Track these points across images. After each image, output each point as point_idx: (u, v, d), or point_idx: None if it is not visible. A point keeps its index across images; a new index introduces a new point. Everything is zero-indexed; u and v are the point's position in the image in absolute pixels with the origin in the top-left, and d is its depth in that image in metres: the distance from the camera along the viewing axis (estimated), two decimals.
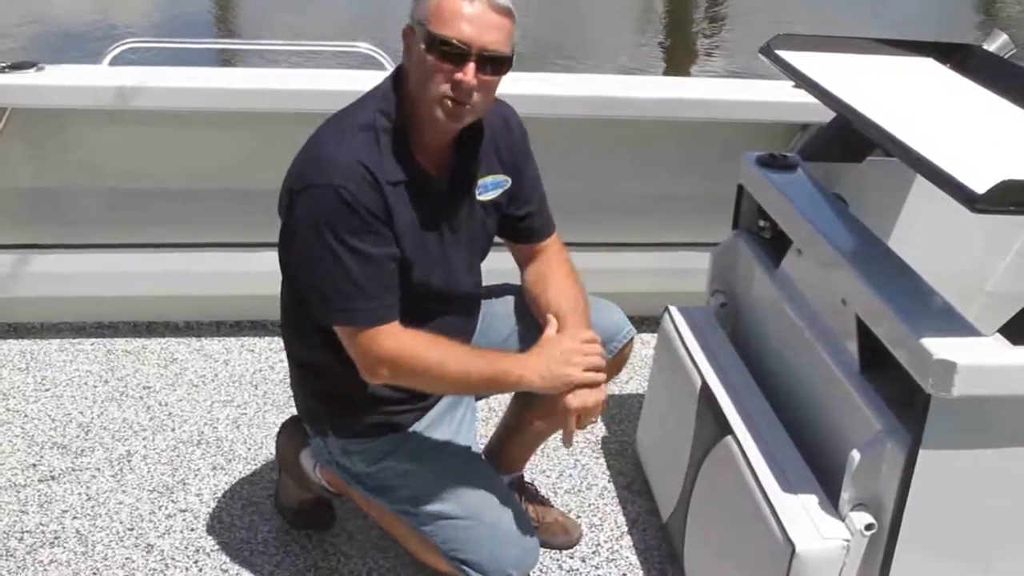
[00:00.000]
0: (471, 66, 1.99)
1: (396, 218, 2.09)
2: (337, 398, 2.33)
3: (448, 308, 2.28)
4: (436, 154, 2.17)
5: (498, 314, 2.48)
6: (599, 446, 3.11)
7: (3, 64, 3.31)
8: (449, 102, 2.02)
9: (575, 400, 2.14)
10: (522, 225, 2.39)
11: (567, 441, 2.21)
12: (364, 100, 2.18)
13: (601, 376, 2.18)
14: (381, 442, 2.34)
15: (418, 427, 2.38)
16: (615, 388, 3.41)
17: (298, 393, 2.46)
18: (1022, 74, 2.55)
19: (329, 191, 2.02)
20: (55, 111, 3.35)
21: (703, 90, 3.70)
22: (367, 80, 3.38)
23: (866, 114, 2.22)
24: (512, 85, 2.21)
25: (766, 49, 2.69)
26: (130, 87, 3.27)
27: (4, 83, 3.25)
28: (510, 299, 2.51)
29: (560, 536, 2.70)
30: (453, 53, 1.99)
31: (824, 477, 2.16)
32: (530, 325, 2.39)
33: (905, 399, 1.96)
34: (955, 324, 1.95)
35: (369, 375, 2.14)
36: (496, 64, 2.03)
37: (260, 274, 3.58)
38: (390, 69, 3.42)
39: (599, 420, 3.16)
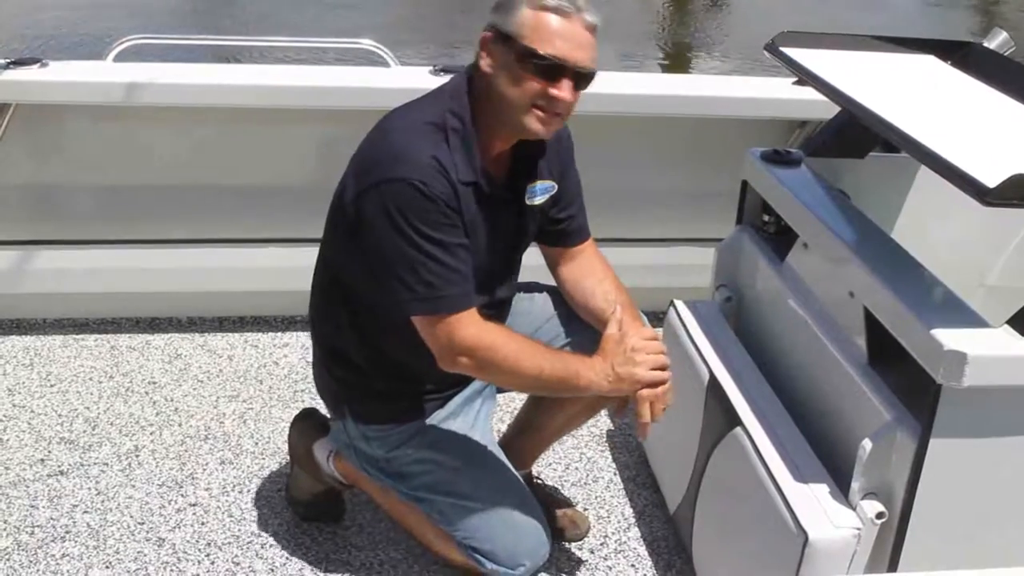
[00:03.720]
0: (567, 82, 2.06)
1: (463, 214, 2.14)
2: (361, 383, 2.38)
3: (483, 306, 2.31)
4: (498, 158, 2.22)
5: (522, 311, 2.52)
6: (604, 440, 3.14)
7: (7, 60, 3.31)
8: (541, 112, 2.09)
9: (647, 393, 2.20)
10: (562, 228, 2.44)
11: (643, 434, 2.26)
12: (432, 98, 2.21)
13: (667, 374, 2.23)
14: (401, 429, 2.38)
15: (437, 416, 2.41)
16: None
17: (321, 376, 2.50)
18: (1022, 71, 2.59)
19: (405, 185, 2.06)
20: (59, 107, 3.36)
21: (704, 87, 3.73)
22: (371, 76, 3.44)
23: (873, 110, 2.26)
24: None
25: (771, 46, 2.72)
26: (134, 83, 3.28)
27: (8, 79, 3.25)
28: (536, 296, 2.55)
29: (569, 529, 2.73)
30: (550, 68, 2.04)
31: (833, 467, 2.19)
32: (555, 323, 2.45)
33: (914, 389, 1.99)
34: (964, 316, 1.99)
35: (448, 363, 2.17)
36: (586, 80, 2.11)
37: (263, 270, 3.63)
38: (393, 65, 3.47)
39: (605, 414, 3.20)
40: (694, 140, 3.59)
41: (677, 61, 10.80)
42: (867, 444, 2.03)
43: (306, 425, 2.68)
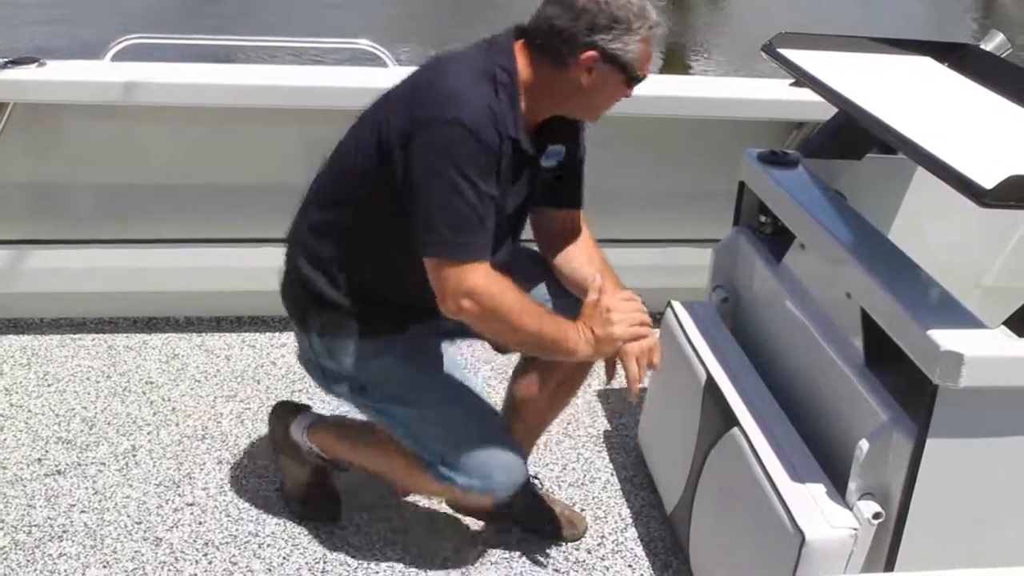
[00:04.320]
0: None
1: (500, 167, 2.19)
2: (337, 301, 2.39)
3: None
4: (532, 123, 2.29)
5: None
6: (601, 440, 3.14)
7: (4, 59, 3.31)
8: None
9: (633, 348, 2.31)
10: (558, 185, 2.49)
11: (633, 392, 2.34)
12: (481, 50, 2.27)
13: (646, 330, 2.33)
14: (369, 344, 2.41)
15: (408, 336, 2.44)
16: (615, 383, 3.43)
17: (292, 289, 2.51)
18: (1018, 72, 2.60)
19: (459, 127, 2.11)
20: (57, 106, 3.36)
21: (700, 88, 3.74)
22: (369, 77, 3.44)
23: (870, 111, 2.26)
24: None
25: (768, 47, 2.73)
26: (131, 82, 3.28)
27: (5, 78, 3.25)
28: (524, 260, 2.58)
29: (566, 528, 2.74)
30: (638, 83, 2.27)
31: (830, 468, 2.20)
32: (542, 290, 2.52)
33: (911, 390, 2.00)
34: (961, 317, 2.00)
35: (451, 306, 2.20)
36: None
37: (261, 270, 3.59)
38: (391, 65, 3.47)
39: (602, 415, 3.21)
40: (691, 141, 3.60)
41: (674, 61, 10.82)
42: (864, 444, 2.03)
43: (283, 410, 2.76)
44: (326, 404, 2.91)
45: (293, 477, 2.76)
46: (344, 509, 2.77)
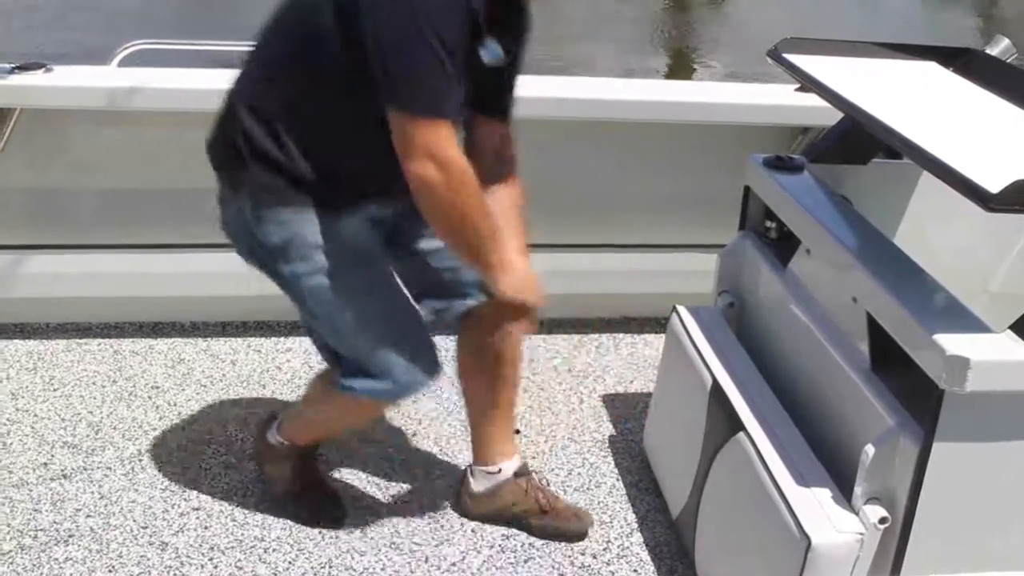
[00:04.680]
0: None
1: (462, 31, 2.14)
2: (279, 161, 2.28)
3: None
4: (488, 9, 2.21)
5: None
6: (607, 445, 3.14)
7: (12, 65, 3.32)
8: None
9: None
10: (490, 88, 2.40)
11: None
12: None
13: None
14: (303, 214, 2.31)
15: (354, 216, 2.38)
16: (620, 388, 3.45)
17: (227, 140, 2.38)
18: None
19: None
20: (63, 112, 3.37)
21: (706, 93, 3.74)
22: None
23: (877, 116, 2.26)
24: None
25: (774, 52, 2.73)
26: (138, 88, 3.28)
27: (13, 84, 3.26)
28: None
29: (572, 521, 2.75)
30: None
31: (836, 473, 2.20)
32: None
33: (917, 395, 1.99)
34: (967, 321, 1.99)
35: (414, 167, 2.13)
36: None
37: None
38: None
39: (607, 420, 3.21)
40: (696, 146, 3.59)
41: (679, 66, 10.82)
42: (870, 449, 2.03)
43: (261, 423, 2.87)
44: None
45: (280, 480, 2.80)
46: (349, 513, 2.78)
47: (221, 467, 2.96)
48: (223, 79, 3.45)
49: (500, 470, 2.74)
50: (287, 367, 3.48)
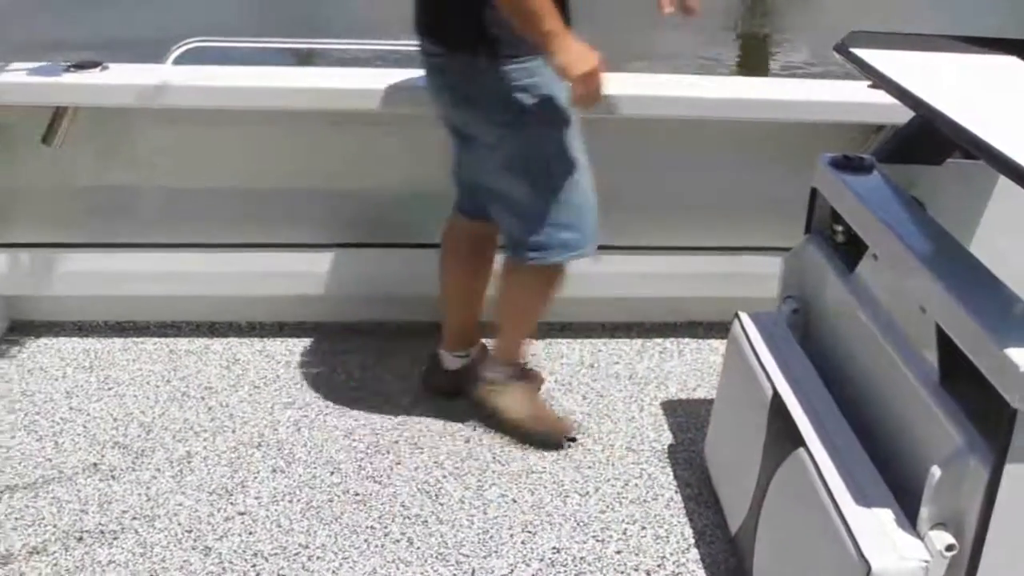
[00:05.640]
0: None
1: None
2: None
3: None
4: None
5: None
6: (666, 455, 3.03)
7: (67, 63, 3.31)
8: None
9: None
10: None
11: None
12: None
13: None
14: (532, 61, 2.61)
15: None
16: (683, 395, 3.33)
17: (452, 15, 2.65)
18: None
19: None
20: (119, 110, 3.35)
21: (774, 90, 3.60)
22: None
23: (949, 114, 2.13)
24: None
25: (841, 47, 2.60)
26: (193, 86, 3.25)
27: (68, 82, 3.25)
28: None
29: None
30: None
31: (901, 493, 2.07)
32: None
33: (988, 412, 1.86)
34: None
35: None
36: None
37: (326, 275, 3.59)
38: None
39: (666, 428, 3.11)
40: (762, 145, 3.47)
41: (752, 58, 10.61)
42: (936, 470, 1.90)
43: (467, 370, 3.20)
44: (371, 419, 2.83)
45: (511, 408, 3.07)
46: (396, 522, 2.72)
47: (269, 471, 2.90)
48: (277, 76, 3.45)
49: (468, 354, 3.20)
50: (342, 369, 3.42)
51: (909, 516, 1.98)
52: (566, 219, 2.78)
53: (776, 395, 2.39)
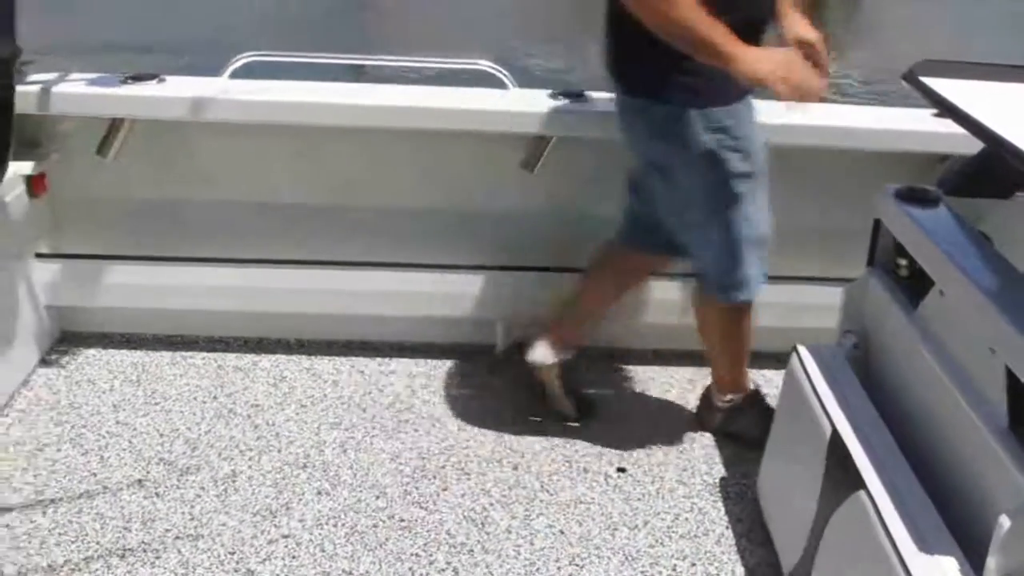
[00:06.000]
0: None
1: None
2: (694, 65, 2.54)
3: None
4: None
5: None
6: (717, 489, 2.96)
7: (125, 75, 3.31)
8: None
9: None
10: None
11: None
12: None
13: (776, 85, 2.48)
14: (726, 108, 2.66)
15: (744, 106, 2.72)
16: None
17: (644, 60, 2.65)
18: None
19: None
20: (176, 123, 3.34)
21: (839, 116, 3.52)
22: (488, 99, 3.34)
23: (1020, 147, 2.06)
24: None
25: (909, 75, 2.53)
26: (249, 101, 3.24)
27: (125, 94, 3.25)
28: None
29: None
30: None
31: (966, 542, 1.99)
32: None
33: None
34: None
35: None
36: None
37: (373, 293, 3.56)
38: (511, 87, 3.36)
39: (718, 461, 3.03)
40: (825, 173, 3.39)
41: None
42: (1005, 520, 1.82)
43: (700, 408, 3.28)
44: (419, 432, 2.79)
45: (750, 428, 3.10)
46: (441, 551, 2.67)
47: (314, 493, 2.87)
48: (333, 92, 3.43)
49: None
50: (389, 390, 3.39)
51: (974, 566, 1.90)
52: (749, 258, 2.85)
53: (835, 433, 2.32)
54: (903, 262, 2.56)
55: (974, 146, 2.60)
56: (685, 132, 2.65)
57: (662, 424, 3.26)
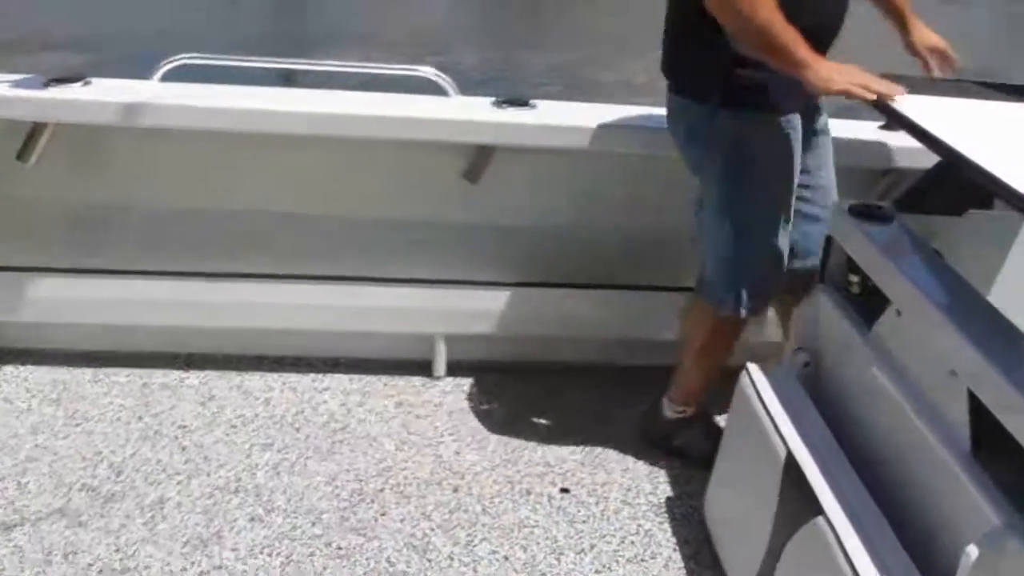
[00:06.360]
0: None
1: None
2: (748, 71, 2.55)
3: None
4: None
5: None
6: (663, 510, 2.88)
7: (48, 77, 3.14)
8: None
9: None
10: None
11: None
12: None
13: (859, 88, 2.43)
14: (754, 114, 2.63)
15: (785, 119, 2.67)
16: None
17: (691, 61, 2.70)
18: None
19: None
20: (99, 128, 3.17)
21: None
22: (429, 106, 3.23)
23: (978, 162, 2.02)
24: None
25: None
26: (179, 105, 3.09)
27: (48, 97, 3.08)
28: None
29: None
30: None
31: (925, 568, 1.94)
32: None
33: None
34: None
35: None
36: None
37: (307, 307, 3.43)
38: (453, 95, 3.26)
39: (664, 481, 2.97)
40: None
41: None
42: (972, 551, 1.77)
43: (646, 414, 3.17)
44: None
45: (693, 446, 3.05)
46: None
47: (247, 520, 2.74)
48: (266, 97, 3.29)
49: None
50: (323, 408, 3.27)
51: None
52: (747, 278, 2.78)
53: (790, 456, 2.26)
54: (855, 279, 2.52)
55: (918, 159, 2.57)
56: (716, 134, 2.65)
57: (605, 441, 3.18)
